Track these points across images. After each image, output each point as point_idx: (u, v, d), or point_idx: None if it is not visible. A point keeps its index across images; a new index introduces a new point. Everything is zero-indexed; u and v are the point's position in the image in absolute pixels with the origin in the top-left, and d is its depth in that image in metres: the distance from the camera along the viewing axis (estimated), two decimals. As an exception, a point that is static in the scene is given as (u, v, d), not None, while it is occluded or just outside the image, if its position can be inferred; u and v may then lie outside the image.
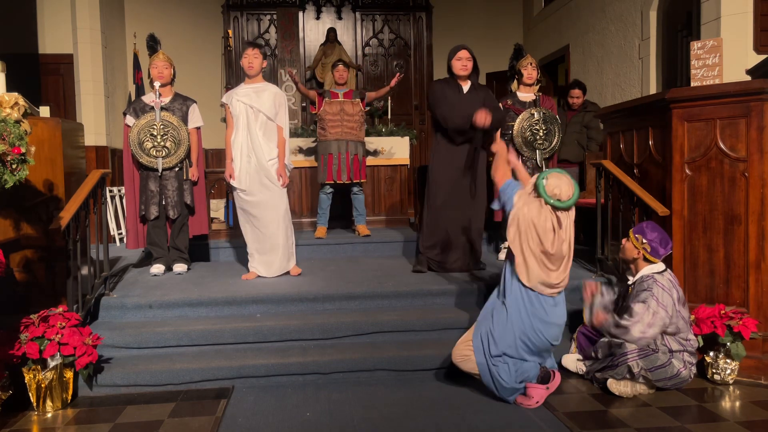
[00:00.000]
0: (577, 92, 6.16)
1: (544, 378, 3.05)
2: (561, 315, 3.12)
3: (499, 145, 3.47)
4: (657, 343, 3.13)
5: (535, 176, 3.15)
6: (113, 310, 3.79)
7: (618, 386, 3.14)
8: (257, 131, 4.31)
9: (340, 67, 5.73)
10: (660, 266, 3.27)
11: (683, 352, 3.14)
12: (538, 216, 3.03)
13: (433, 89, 4.50)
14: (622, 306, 3.33)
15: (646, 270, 3.26)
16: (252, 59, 4.32)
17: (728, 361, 3.27)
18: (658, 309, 3.09)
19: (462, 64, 4.39)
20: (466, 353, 3.16)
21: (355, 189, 5.65)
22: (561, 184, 3.00)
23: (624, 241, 3.38)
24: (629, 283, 3.37)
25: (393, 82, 5.64)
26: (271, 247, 4.39)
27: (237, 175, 4.31)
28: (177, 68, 4.62)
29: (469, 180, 4.45)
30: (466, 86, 4.46)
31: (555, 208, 3.01)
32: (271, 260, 4.42)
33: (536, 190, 3.06)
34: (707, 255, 3.60)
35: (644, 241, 3.26)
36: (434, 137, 4.56)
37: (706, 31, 5.21)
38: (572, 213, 3.11)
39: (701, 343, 3.30)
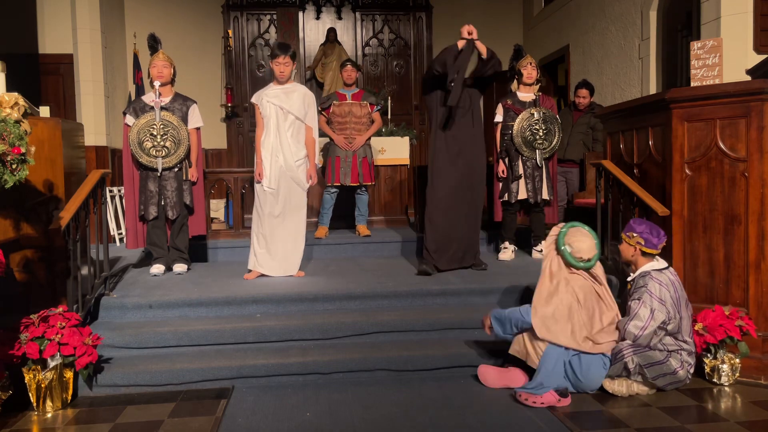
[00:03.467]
0: (584, 92, 6.09)
1: (563, 393, 3.04)
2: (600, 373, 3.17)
3: None
4: (654, 342, 3.13)
5: (554, 237, 3.28)
6: (113, 310, 3.79)
7: (612, 385, 3.14)
8: (286, 132, 4.35)
9: (349, 66, 5.65)
10: (660, 264, 3.27)
11: (681, 352, 3.13)
12: (583, 293, 3.18)
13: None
14: (622, 304, 3.33)
15: (645, 267, 3.26)
16: (283, 67, 4.35)
17: (729, 360, 3.27)
18: (653, 303, 3.10)
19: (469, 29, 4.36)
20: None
21: (360, 190, 5.64)
22: (584, 246, 3.17)
23: (619, 245, 3.40)
24: (628, 280, 3.38)
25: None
26: (285, 247, 4.42)
27: (266, 174, 4.34)
28: (177, 68, 4.62)
29: (470, 177, 4.47)
30: None
31: (586, 269, 3.22)
32: (282, 260, 4.43)
33: (562, 257, 3.22)
34: (707, 255, 3.60)
35: (634, 235, 3.27)
36: (432, 135, 4.53)
37: (706, 31, 5.21)
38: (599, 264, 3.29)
39: (713, 351, 3.30)
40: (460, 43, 4.31)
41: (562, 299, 3.14)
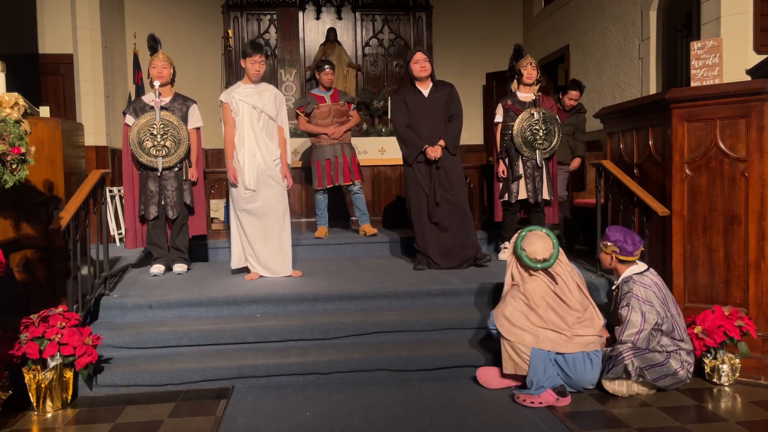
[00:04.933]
0: (575, 94, 5.92)
1: (561, 392, 3.06)
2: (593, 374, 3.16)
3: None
4: (653, 345, 3.13)
5: (512, 244, 3.35)
6: (113, 310, 3.79)
7: (612, 385, 3.14)
8: (260, 131, 4.31)
9: (328, 69, 5.65)
10: (640, 267, 3.30)
11: (679, 352, 3.14)
12: (537, 290, 3.20)
13: (392, 102, 4.75)
14: (612, 311, 3.33)
15: (626, 272, 3.30)
16: (260, 66, 4.31)
17: (729, 360, 3.27)
18: (642, 306, 3.12)
19: (420, 66, 4.58)
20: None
21: (356, 189, 5.63)
22: (538, 248, 3.20)
23: (598, 254, 3.43)
24: (612, 288, 3.40)
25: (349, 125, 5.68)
26: (275, 248, 4.39)
27: (243, 175, 4.29)
28: (177, 68, 4.62)
29: (445, 174, 4.55)
30: (427, 89, 4.63)
31: (545, 269, 3.24)
32: (274, 262, 4.40)
33: (520, 261, 3.28)
34: (707, 255, 3.60)
35: (609, 244, 3.32)
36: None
37: (706, 31, 5.21)
38: (564, 263, 3.29)
39: (713, 352, 3.30)
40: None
41: (517, 303, 3.21)
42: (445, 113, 4.63)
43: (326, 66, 5.69)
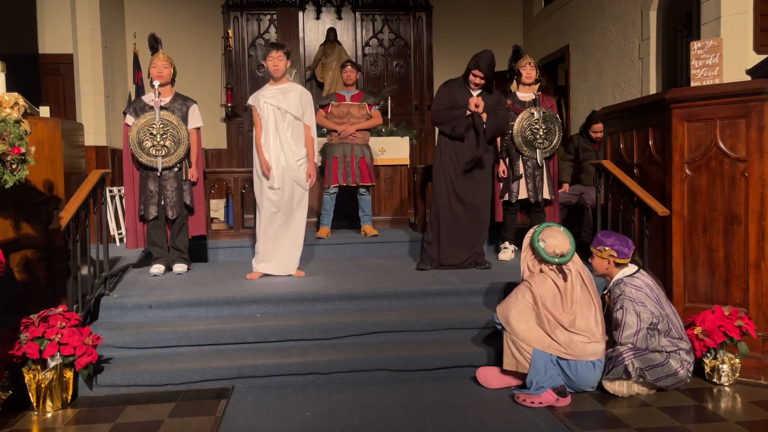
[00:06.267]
0: (600, 126, 5.47)
1: (561, 392, 3.05)
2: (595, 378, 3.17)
3: None
4: (654, 345, 3.13)
5: (529, 237, 3.29)
6: (113, 310, 3.79)
7: (612, 385, 3.14)
8: (285, 132, 4.33)
9: (349, 67, 5.67)
10: (631, 269, 3.31)
11: (679, 351, 3.14)
12: (546, 292, 3.18)
13: (441, 86, 4.68)
14: (605, 316, 3.33)
15: (617, 276, 3.31)
16: (277, 61, 4.32)
17: (729, 360, 3.27)
18: (636, 307, 3.14)
19: (476, 81, 4.54)
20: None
21: (362, 190, 5.65)
22: (558, 242, 3.17)
23: (590, 260, 3.40)
24: (604, 292, 3.40)
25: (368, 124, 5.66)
26: (288, 246, 4.42)
27: (272, 173, 4.31)
28: (177, 68, 4.62)
29: (473, 177, 4.51)
30: (476, 90, 4.59)
31: (561, 264, 3.20)
32: (284, 259, 4.44)
33: (536, 254, 3.23)
34: (707, 255, 3.60)
35: (606, 248, 3.31)
36: (439, 135, 4.66)
37: (706, 31, 5.21)
38: (576, 262, 3.26)
39: (713, 352, 3.30)
40: (472, 100, 4.41)
41: (525, 302, 3.20)
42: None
43: (348, 64, 5.72)
